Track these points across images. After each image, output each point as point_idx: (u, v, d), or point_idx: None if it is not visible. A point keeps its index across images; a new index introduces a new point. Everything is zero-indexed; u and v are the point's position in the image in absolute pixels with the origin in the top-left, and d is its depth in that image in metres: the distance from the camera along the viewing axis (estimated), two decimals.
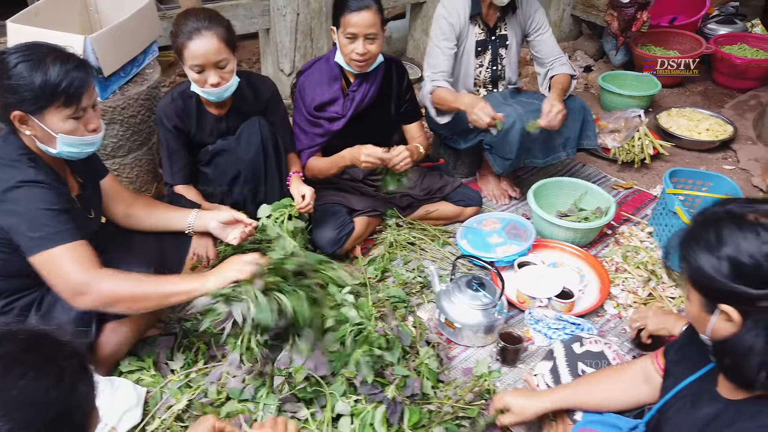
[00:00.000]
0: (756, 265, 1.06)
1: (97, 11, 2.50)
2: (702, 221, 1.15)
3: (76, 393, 0.86)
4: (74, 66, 1.53)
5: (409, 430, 1.66)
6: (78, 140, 1.59)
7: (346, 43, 2.28)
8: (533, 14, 2.72)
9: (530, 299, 2.29)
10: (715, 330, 1.15)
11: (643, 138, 3.29)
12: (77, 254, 1.54)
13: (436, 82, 2.63)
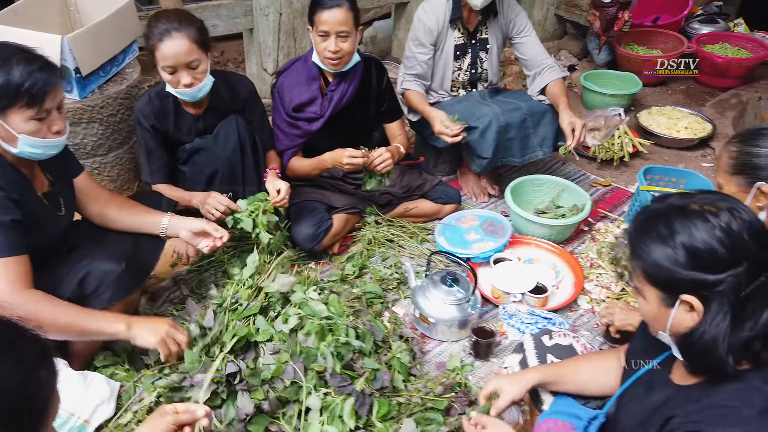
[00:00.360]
0: (711, 250, 1.08)
1: (78, 11, 2.53)
2: (647, 218, 1.17)
3: (36, 378, 0.88)
4: (39, 67, 1.53)
5: (378, 422, 1.69)
6: (40, 142, 1.60)
7: (319, 41, 2.31)
8: (514, 18, 2.74)
9: (505, 294, 2.32)
10: (677, 323, 1.16)
11: (623, 136, 3.32)
12: (9, 271, 1.53)
13: (407, 83, 2.69)
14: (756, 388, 1.10)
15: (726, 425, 1.09)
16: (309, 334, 1.75)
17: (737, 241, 1.08)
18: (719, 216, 1.10)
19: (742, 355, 1.11)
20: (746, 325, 1.09)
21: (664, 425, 1.20)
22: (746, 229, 1.08)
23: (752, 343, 1.10)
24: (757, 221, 1.11)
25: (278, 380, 1.68)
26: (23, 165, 1.68)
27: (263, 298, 1.92)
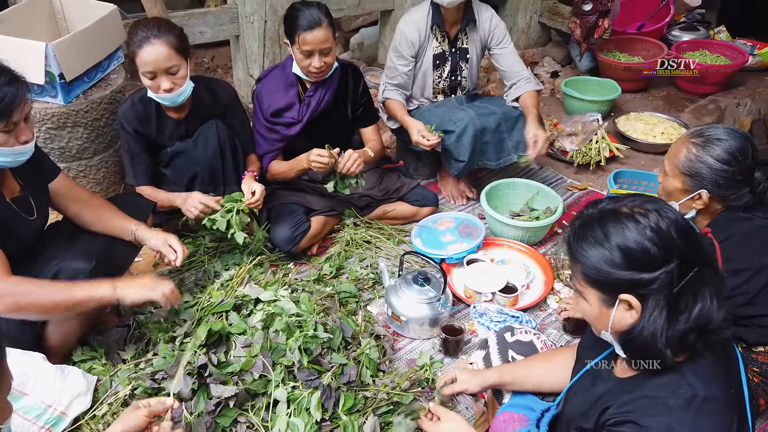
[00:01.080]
0: (644, 249, 1.15)
1: (65, 19, 2.60)
2: (582, 224, 1.23)
3: None
4: (6, 81, 1.59)
5: (344, 415, 1.76)
6: (9, 151, 1.66)
7: (302, 58, 2.38)
8: (493, 30, 2.81)
9: (476, 294, 2.39)
10: (618, 322, 1.22)
11: (600, 141, 3.40)
12: None
13: (388, 92, 2.77)
14: (684, 380, 1.17)
15: (653, 414, 1.16)
16: (277, 331, 1.81)
17: (667, 239, 1.15)
18: (648, 217, 1.17)
19: (679, 347, 1.18)
20: (681, 318, 1.16)
21: (601, 415, 1.27)
22: (673, 227, 1.16)
23: (687, 336, 1.17)
24: (682, 220, 1.18)
25: (248, 373, 1.74)
26: None
27: (237, 297, 1.98)
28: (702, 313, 1.14)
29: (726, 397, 1.17)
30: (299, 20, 2.30)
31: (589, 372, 1.44)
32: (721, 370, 1.21)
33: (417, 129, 2.64)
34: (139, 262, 2.54)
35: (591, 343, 1.51)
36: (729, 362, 1.26)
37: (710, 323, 1.15)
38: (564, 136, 3.44)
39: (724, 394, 1.17)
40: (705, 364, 1.18)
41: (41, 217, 1.91)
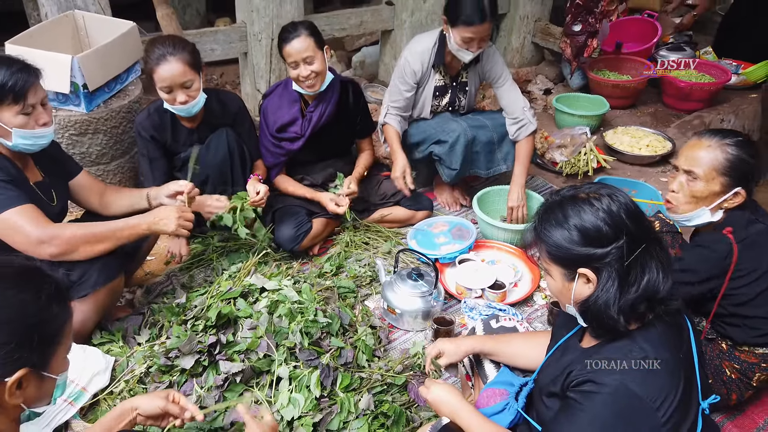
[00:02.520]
0: (597, 228, 1.33)
1: (87, 35, 2.82)
2: (546, 209, 1.41)
3: (49, 311, 1.11)
4: (18, 68, 1.80)
5: (341, 392, 1.91)
6: (30, 133, 1.86)
7: (291, 70, 2.59)
8: (490, 69, 2.93)
9: (467, 290, 2.55)
10: (578, 294, 1.40)
11: (588, 153, 3.58)
12: (29, 214, 1.81)
13: (389, 117, 2.93)
14: (636, 344, 1.34)
15: (608, 374, 1.32)
16: (281, 316, 1.98)
17: (616, 219, 1.33)
18: (601, 200, 1.35)
19: (630, 315, 1.35)
20: (631, 289, 1.33)
21: (566, 378, 1.43)
22: (623, 209, 1.33)
23: (638, 305, 1.34)
24: (631, 203, 1.36)
25: (253, 353, 1.90)
26: (17, 159, 1.95)
27: (244, 286, 2.15)
28: (649, 284, 1.31)
29: (674, 361, 1.33)
30: (282, 35, 2.54)
31: (561, 346, 1.60)
32: (670, 337, 1.37)
33: (401, 166, 2.80)
34: (151, 260, 2.72)
35: (563, 322, 1.68)
36: (679, 330, 1.42)
37: (657, 293, 1.32)
38: (554, 147, 3.62)
39: (672, 357, 1.33)
40: (655, 332, 1.35)
41: (60, 205, 2.10)
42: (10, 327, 1.04)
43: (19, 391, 1.08)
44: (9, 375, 1.04)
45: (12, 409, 1.10)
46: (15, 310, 1.05)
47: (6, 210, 1.80)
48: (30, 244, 1.81)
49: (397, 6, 4.05)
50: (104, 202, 2.25)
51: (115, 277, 2.05)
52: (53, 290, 1.13)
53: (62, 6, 2.78)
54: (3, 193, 1.81)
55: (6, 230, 1.81)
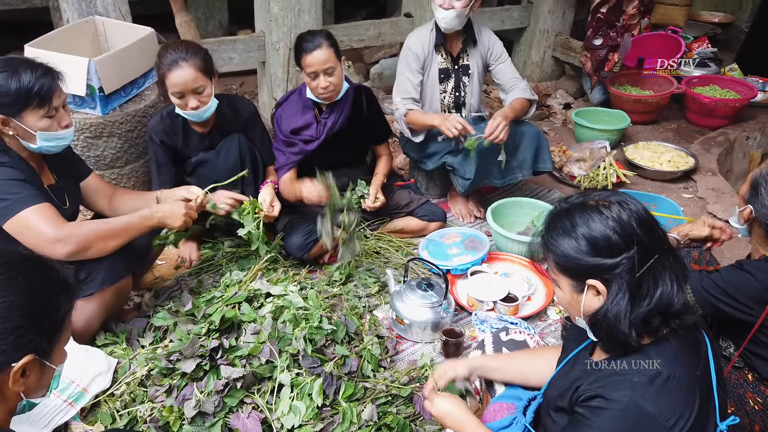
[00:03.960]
0: (606, 237, 1.27)
1: (107, 40, 2.85)
2: (553, 217, 1.36)
3: (57, 298, 1.14)
4: (42, 72, 1.83)
5: (344, 402, 1.86)
6: (53, 135, 1.89)
7: (310, 81, 2.58)
8: (491, 46, 3.00)
9: (478, 302, 2.49)
10: (588, 306, 1.33)
11: (607, 168, 3.51)
12: (45, 213, 1.82)
13: (407, 105, 2.92)
14: (649, 359, 1.27)
15: (618, 389, 1.25)
16: (285, 322, 1.94)
17: (627, 228, 1.26)
18: (611, 208, 1.29)
19: (643, 329, 1.28)
20: (643, 302, 1.26)
21: (574, 392, 1.36)
22: (634, 218, 1.27)
23: (651, 318, 1.27)
24: (643, 212, 1.30)
25: (255, 358, 1.87)
26: (33, 160, 1.97)
27: (250, 290, 2.12)
28: (663, 296, 1.25)
29: (689, 378, 1.26)
30: (302, 45, 2.53)
31: (570, 360, 1.54)
32: (686, 353, 1.29)
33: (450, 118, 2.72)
34: (161, 264, 2.71)
35: (574, 335, 1.61)
36: (696, 347, 1.34)
37: (671, 306, 1.25)
38: (572, 161, 3.56)
39: (687, 374, 1.26)
40: (670, 347, 1.28)
41: (72, 208, 2.11)
42: (21, 311, 1.06)
43: (22, 379, 1.09)
44: (16, 360, 1.06)
45: (11, 397, 1.11)
46: (26, 296, 1.08)
47: (23, 209, 1.80)
48: (46, 243, 1.81)
49: (415, 18, 4.05)
50: (113, 206, 2.26)
51: (122, 278, 2.05)
52: (60, 279, 1.16)
53: (83, 12, 2.83)
54: (20, 191, 1.82)
55: (22, 229, 1.81)
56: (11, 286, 1.06)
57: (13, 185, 1.81)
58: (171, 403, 1.80)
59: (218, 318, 1.91)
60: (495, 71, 3.03)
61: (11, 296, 1.05)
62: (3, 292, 1.04)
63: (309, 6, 3.47)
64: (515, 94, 2.94)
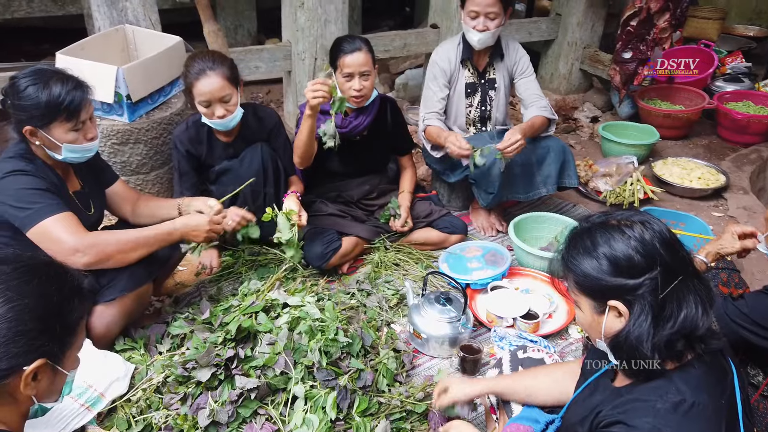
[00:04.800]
0: (628, 258, 1.24)
1: (136, 49, 2.90)
2: (575, 235, 1.33)
3: (70, 302, 1.14)
4: (73, 86, 1.85)
5: (357, 416, 1.84)
6: (79, 147, 1.92)
7: (344, 82, 2.58)
8: (518, 60, 2.98)
9: (498, 318, 2.45)
10: (609, 328, 1.30)
11: (635, 183, 3.44)
12: (66, 222, 1.84)
13: (428, 121, 2.92)
14: (673, 385, 1.22)
15: (641, 416, 1.21)
16: (301, 333, 1.93)
17: (650, 248, 1.23)
18: (633, 228, 1.25)
19: (666, 353, 1.24)
20: (667, 324, 1.22)
21: (594, 418, 1.32)
22: (657, 238, 1.24)
23: (675, 342, 1.23)
24: (667, 232, 1.26)
25: (270, 369, 1.86)
26: (59, 168, 2.00)
27: (267, 300, 2.12)
28: (687, 319, 1.21)
29: (714, 406, 1.21)
30: (341, 46, 2.55)
31: (590, 385, 1.50)
32: (712, 380, 1.25)
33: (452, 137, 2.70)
34: (182, 271, 2.74)
35: (594, 359, 1.57)
36: (722, 374, 1.29)
37: (696, 330, 1.21)
38: (598, 176, 3.50)
39: (712, 402, 1.21)
40: (695, 373, 1.23)
41: (97, 214, 2.14)
42: (33, 314, 1.07)
43: (33, 383, 1.10)
44: (28, 364, 1.07)
45: (24, 401, 1.12)
46: (39, 300, 1.09)
47: (45, 218, 1.83)
48: (65, 252, 1.83)
49: (441, 29, 4.04)
50: (137, 212, 2.28)
51: (143, 284, 2.06)
52: (74, 285, 1.17)
53: (114, 20, 2.88)
54: (42, 201, 1.85)
55: (44, 238, 1.84)
56: (25, 290, 1.07)
57: (36, 194, 1.83)
58: (185, 412, 1.81)
59: (234, 327, 1.91)
60: (518, 85, 3.01)
61: (24, 299, 1.06)
62: (16, 296, 1.05)
63: (335, 16, 3.49)
64: (533, 111, 2.90)
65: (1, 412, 1.08)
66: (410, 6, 6.17)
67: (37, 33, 4.74)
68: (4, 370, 1.03)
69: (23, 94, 1.81)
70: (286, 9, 3.54)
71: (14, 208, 1.82)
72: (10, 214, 1.83)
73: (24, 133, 1.86)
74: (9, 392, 1.07)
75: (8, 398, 1.08)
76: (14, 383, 1.06)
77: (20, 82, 1.82)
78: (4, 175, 1.84)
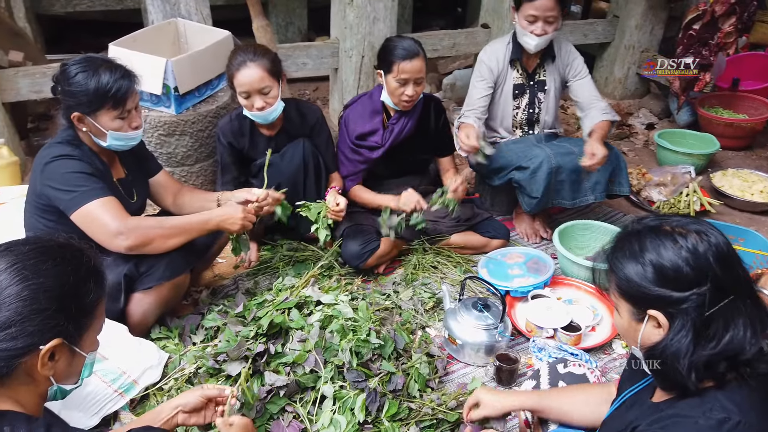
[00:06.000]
0: (677, 268, 1.15)
1: (186, 42, 2.95)
2: (623, 237, 1.24)
3: (86, 284, 1.14)
4: (121, 75, 1.89)
5: (386, 421, 1.79)
6: (123, 135, 1.96)
7: (397, 86, 2.53)
8: (571, 62, 2.87)
9: (537, 329, 2.36)
10: (645, 337, 1.22)
11: (691, 194, 3.28)
12: (110, 207, 1.87)
13: (463, 118, 2.84)
14: (718, 403, 1.13)
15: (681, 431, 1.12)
16: (333, 332, 1.90)
17: (702, 261, 1.14)
18: (687, 237, 1.16)
19: (705, 374, 1.15)
20: (709, 344, 1.13)
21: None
22: (712, 251, 1.14)
23: (716, 363, 1.14)
24: (725, 245, 1.16)
25: (300, 367, 1.84)
26: (104, 155, 2.04)
27: (301, 297, 2.11)
28: (733, 342, 1.12)
29: (764, 429, 1.11)
30: (398, 50, 2.48)
31: (627, 401, 1.41)
32: (759, 401, 1.15)
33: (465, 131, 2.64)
34: (221, 263, 2.75)
35: (628, 377, 1.48)
36: None
37: (741, 354, 1.12)
38: (651, 185, 3.35)
39: (762, 424, 1.11)
40: (742, 393, 1.14)
41: (140, 202, 2.17)
42: (49, 294, 1.07)
43: (51, 363, 1.10)
44: (44, 343, 1.07)
45: (42, 382, 1.12)
46: (54, 280, 1.09)
47: (89, 202, 1.87)
48: (108, 236, 1.86)
49: (492, 29, 3.96)
50: (178, 203, 2.31)
51: (180, 273, 2.08)
52: (91, 267, 1.17)
53: (167, 14, 2.94)
54: (87, 185, 1.89)
55: (87, 221, 1.87)
56: (41, 270, 1.07)
57: (81, 178, 1.87)
58: None
59: (267, 322, 1.90)
60: (573, 88, 2.90)
61: (40, 279, 1.06)
62: (32, 275, 1.06)
63: (384, 14, 3.46)
64: (595, 115, 2.79)
65: (20, 392, 1.08)
66: (462, 6, 6.08)
67: (97, 26, 4.89)
68: (20, 348, 1.04)
69: (73, 80, 1.85)
70: (335, 6, 3.53)
71: (60, 191, 1.86)
72: (55, 197, 1.87)
73: (72, 119, 1.90)
74: (27, 372, 1.08)
75: (26, 378, 1.08)
76: (32, 362, 1.07)
77: (70, 69, 1.87)
78: (51, 159, 1.88)
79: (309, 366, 1.84)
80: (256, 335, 1.90)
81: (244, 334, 1.90)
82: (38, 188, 1.91)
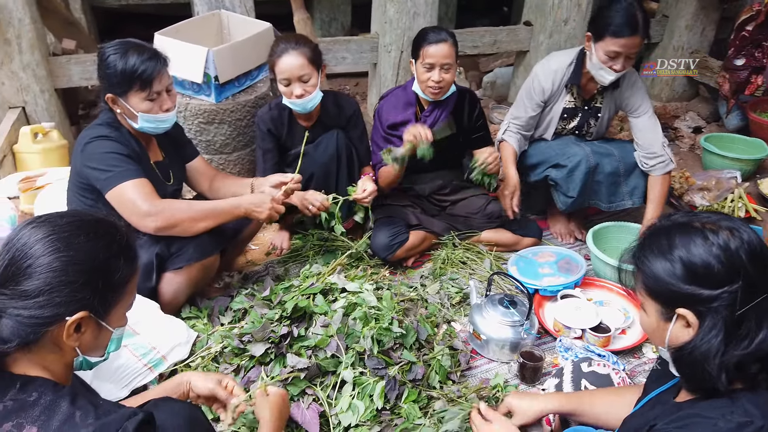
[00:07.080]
0: (707, 266, 1.12)
1: (229, 33, 3.02)
2: (651, 233, 1.21)
3: (116, 261, 1.16)
4: (148, 57, 1.94)
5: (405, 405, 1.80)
6: (153, 117, 2.02)
7: (423, 72, 2.54)
8: (633, 94, 2.70)
9: (565, 328, 2.32)
10: (674, 337, 1.19)
11: (736, 200, 3.16)
12: (142, 188, 1.93)
13: (507, 134, 2.79)
14: (741, 406, 1.10)
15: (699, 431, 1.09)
16: (355, 319, 1.92)
17: (734, 259, 1.10)
18: (718, 234, 1.12)
19: (735, 374, 1.11)
20: (740, 344, 1.10)
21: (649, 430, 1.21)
22: (744, 248, 1.10)
23: (747, 364, 1.10)
24: (757, 242, 1.12)
25: (321, 351, 1.86)
26: (142, 137, 2.11)
27: (326, 283, 2.13)
28: (766, 341, 1.07)
29: None
30: (426, 36, 2.50)
31: (651, 400, 1.38)
32: None
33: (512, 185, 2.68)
34: (254, 250, 2.81)
35: (655, 378, 1.44)
36: None
37: None
38: (695, 189, 3.24)
39: None
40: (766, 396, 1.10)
41: (176, 185, 2.24)
42: (77, 267, 1.10)
43: (76, 334, 1.13)
44: (70, 314, 1.10)
45: (68, 352, 1.15)
46: (85, 254, 1.11)
47: (123, 182, 1.94)
48: (138, 216, 1.93)
49: (535, 27, 3.91)
50: (213, 188, 2.37)
51: (209, 255, 2.13)
52: (124, 244, 1.19)
53: (212, 6, 3.02)
54: (122, 165, 1.96)
55: (119, 201, 1.95)
56: (72, 243, 1.10)
57: (116, 158, 1.95)
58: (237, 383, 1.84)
59: (291, 306, 1.93)
60: (633, 124, 2.74)
61: (71, 252, 1.09)
62: (64, 247, 1.09)
63: (425, 10, 3.46)
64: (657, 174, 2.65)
65: (47, 359, 1.12)
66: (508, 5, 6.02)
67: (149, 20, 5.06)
68: (47, 317, 1.07)
69: (106, 62, 1.94)
70: (376, 0, 3.55)
71: (97, 171, 1.94)
72: (93, 176, 1.95)
73: (107, 101, 1.98)
74: (53, 341, 1.11)
75: (53, 347, 1.12)
76: (58, 332, 1.10)
77: (105, 50, 1.95)
78: (91, 139, 1.97)
79: (330, 351, 1.86)
80: (281, 318, 1.94)
81: (269, 317, 1.94)
82: (78, 167, 2.00)
